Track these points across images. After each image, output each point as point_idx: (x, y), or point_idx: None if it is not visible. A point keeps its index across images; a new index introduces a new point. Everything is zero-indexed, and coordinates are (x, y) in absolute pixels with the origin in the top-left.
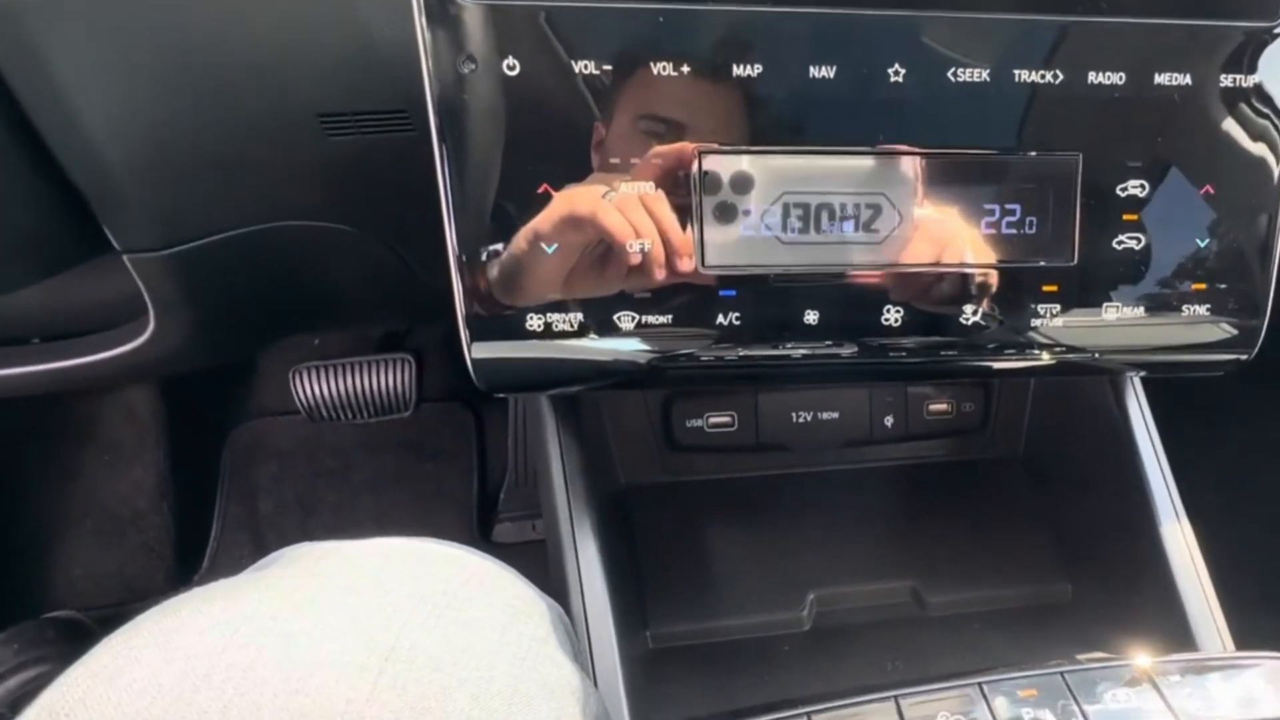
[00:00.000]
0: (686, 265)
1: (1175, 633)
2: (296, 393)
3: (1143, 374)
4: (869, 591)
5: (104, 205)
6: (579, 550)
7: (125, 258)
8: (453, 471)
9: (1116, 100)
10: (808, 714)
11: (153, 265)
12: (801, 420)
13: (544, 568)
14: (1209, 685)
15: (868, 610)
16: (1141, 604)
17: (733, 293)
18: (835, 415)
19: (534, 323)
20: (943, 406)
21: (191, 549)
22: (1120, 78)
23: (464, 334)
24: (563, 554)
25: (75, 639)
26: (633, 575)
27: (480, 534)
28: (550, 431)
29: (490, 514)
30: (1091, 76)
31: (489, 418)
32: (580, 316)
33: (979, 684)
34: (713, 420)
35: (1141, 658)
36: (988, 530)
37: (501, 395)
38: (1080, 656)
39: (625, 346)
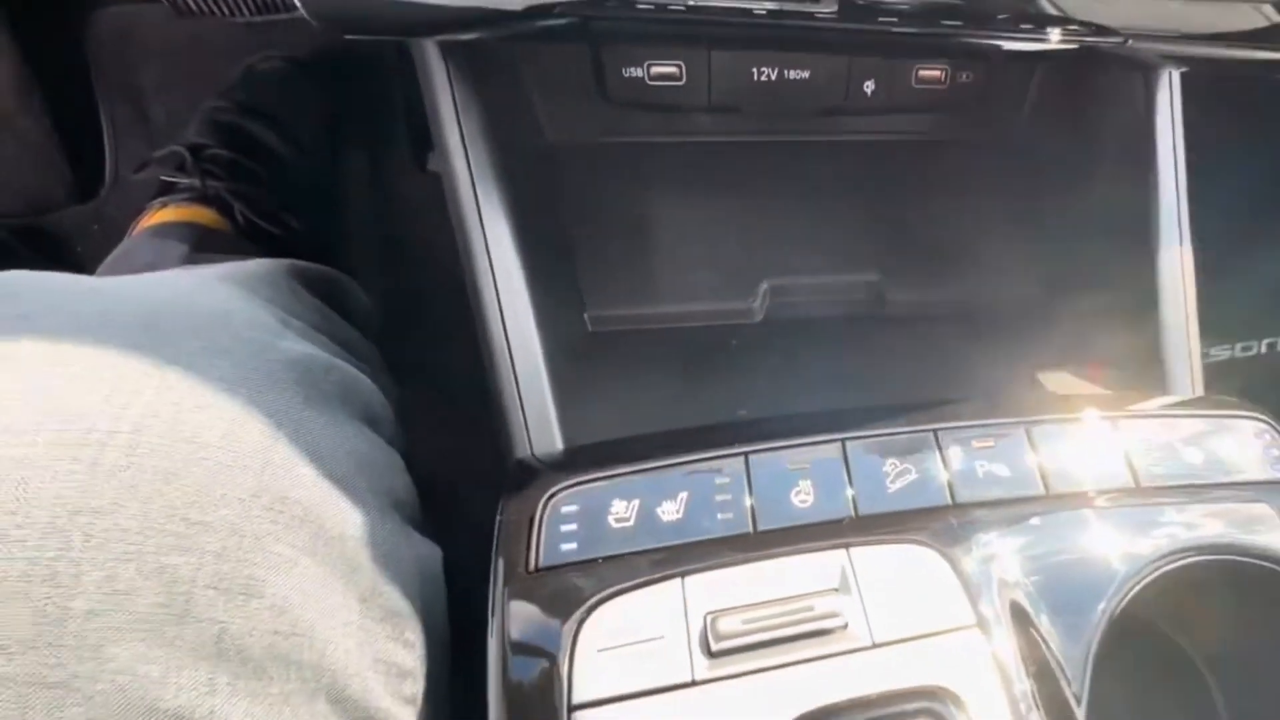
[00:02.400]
0: None
1: (1147, 362)
2: None
3: (1182, 69)
4: (827, 284)
5: None
6: (485, 222)
7: None
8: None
9: None
10: (745, 455)
11: None
12: (764, 78)
13: None
14: (1170, 437)
15: (825, 304)
16: (1118, 324)
17: None
18: (805, 75)
19: None
20: (935, 74)
21: (86, 158)
22: None
23: None
24: (466, 228)
25: None
26: (563, 251)
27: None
28: (440, 81)
29: (421, 138)
30: None
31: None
32: None
33: (933, 430)
34: (655, 70)
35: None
36: (963, 224)
37: (352, 38)
38: (1041, 376)
39: None
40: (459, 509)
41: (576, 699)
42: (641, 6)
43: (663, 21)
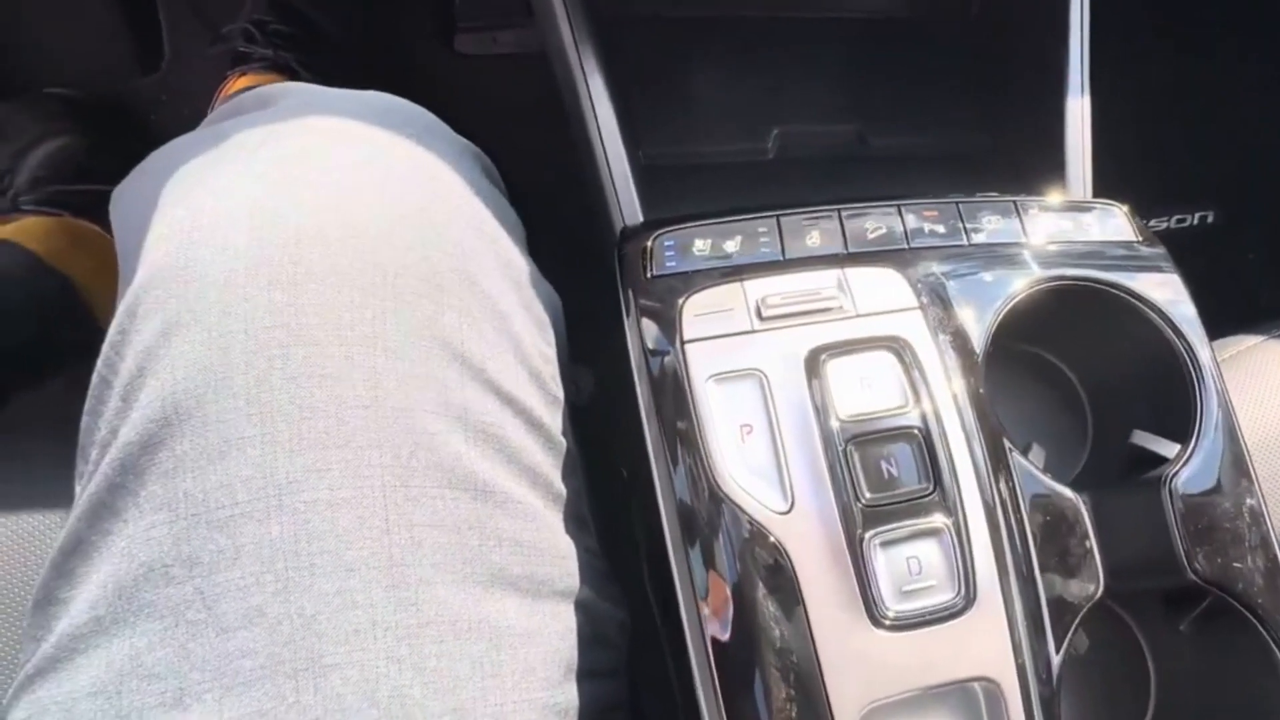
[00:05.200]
0: None
1: (1053, 183)
2: None
3: None
4: (822, 131)
5: None
6: (588, 80)
7: None
8: None
9: None
10: (776, 216)
11: None
12: None
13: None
14: (1060, 218)
15: (821, 146)
16: (1039, 162)
17: None
18: None
19: None
20: None
21: (145, 34)
22: None
23: None
24: (575, 83)
25: (80, 117)
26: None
27: (443, 42)
28: None
29: (447, 19)
30: None
31: None
32: None
33: (898, 205)
34: None
35: (1016, 197)
36: (929, 86)
37: None
38: (976, 194)
39: None
40: None
41: (686, 337)
42: None
43: None
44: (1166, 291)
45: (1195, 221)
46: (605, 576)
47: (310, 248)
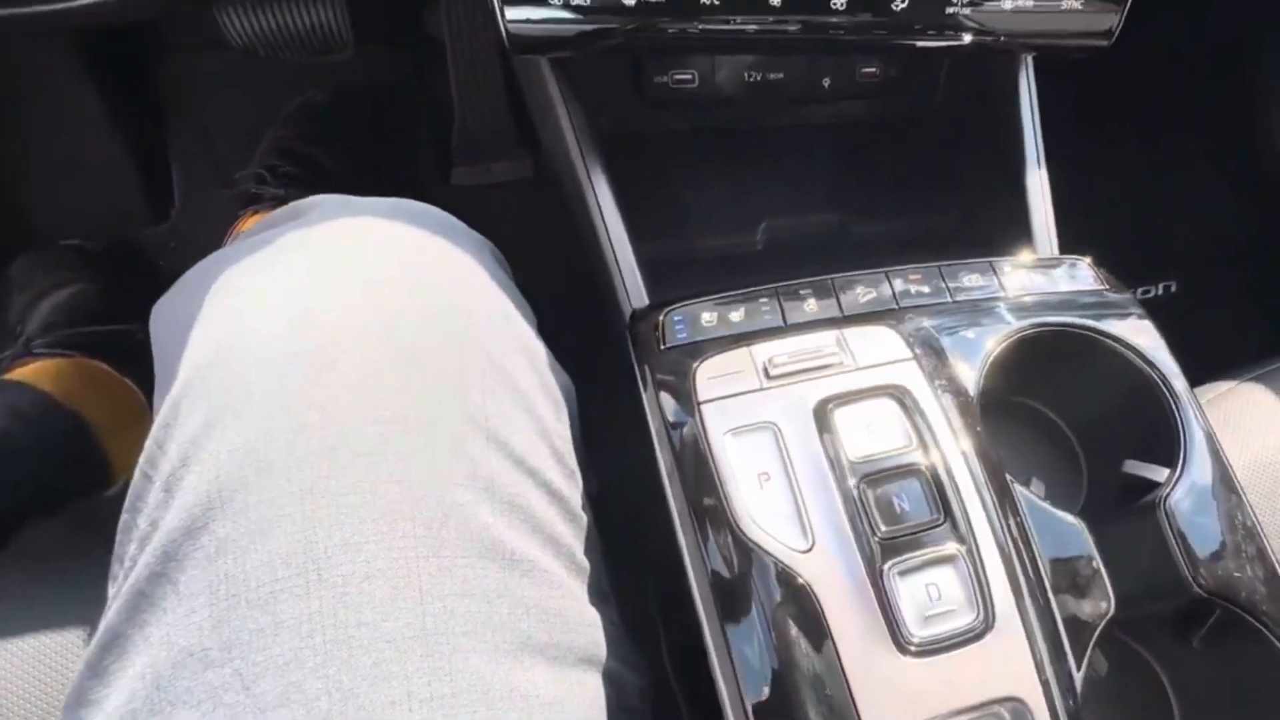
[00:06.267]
0: None
1: (1022, 246)
2: (226, 25)
3: (1033, 54)
4: (807, 221)
5: None
6: (595, 186)
7: None
8: (402, 114)
9: None
10: (775, 289)
11: None
12: (752, 79)
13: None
14: (1033, 273)
15: (806, 235)
16: (1006, 231)
17: None
18: (780, 75)
19: None
20: (872, 70)
21: (157, 184)
22: None
23: (500, 10)
24: (584, 193)
25: (91, 265)
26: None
27: (438, 175)
28: (554, 89)
29: (444, 156)
30: None
31: (424, 65)
32: None
33: (885, 272)
34: (677, 77)
35: (992, 258)
36: (900, 175)
37: (525, 55)
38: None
39: (629, 19)
40: None
41: (701, 399)
42: (669, 29)
43: (684, 37)
44: (1137, 330)
45: (1160, 291)
46: (627, 644)
47: (345, 340)
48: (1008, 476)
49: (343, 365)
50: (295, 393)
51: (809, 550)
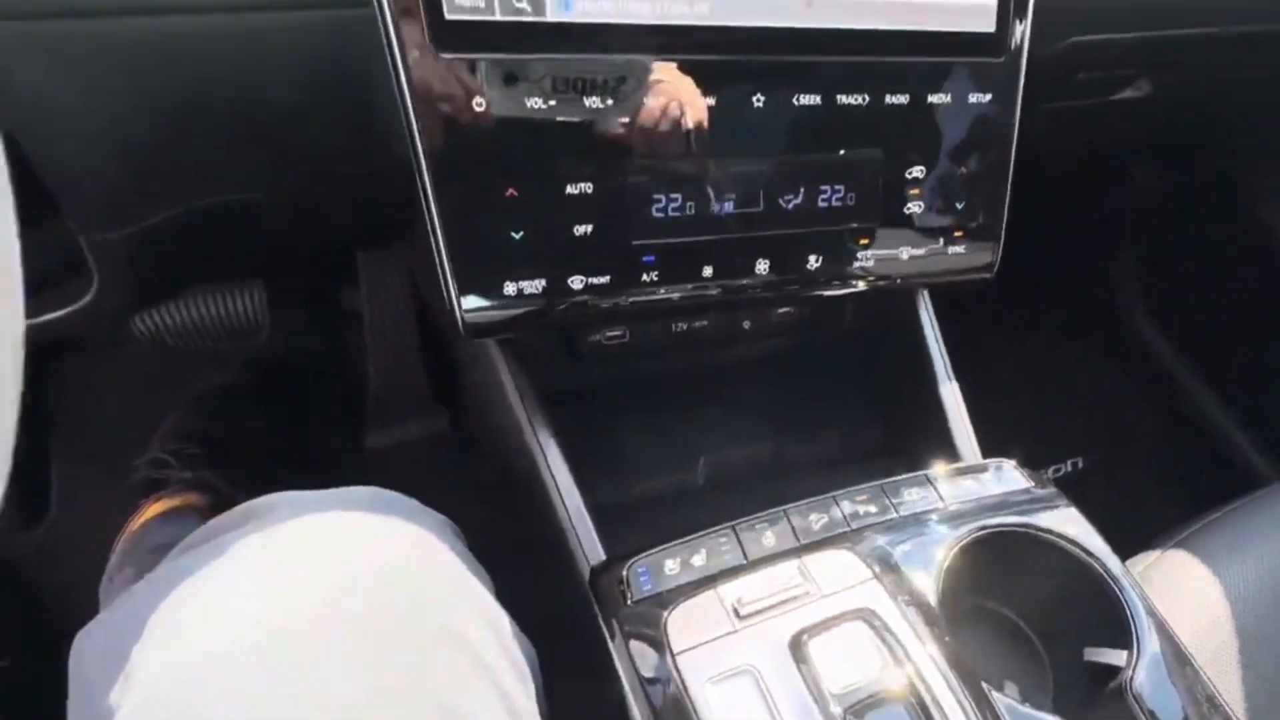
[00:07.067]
0: (623, 244)
1: (947, 455)
2: (137, 324)
3: (927, 290)
4: (742, 452)
5: (68, 201)
6: (544, 448)
7: (81, 239)
8: (310, 385)
9: (902, 114)
10: (732, 527)
11: (107, 243)
12: (679, 329)
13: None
14: (966, 480)
15: (743, 466)
16: (927, 439)
17: (652, 258)
18: (705, 324)
19: (509, 289)
20: (787, 310)
21: (34, 489)
22: (903, 98)
23: (457, 301)
24: (531, 451)
25: None
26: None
27: (351, 442)
28: (500, 363)
29: (360, 422)
30: (886, 98)
31: (339, 338)
32: (543, 283)
33: (832, 497)
34: (609, 335)
35: (927, 470)
36: (824, 399)
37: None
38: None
39: (574, 300)
40: None
41: (676, 650)
42: (610, 304)
43: (644, 304)
44: (1068, 521)
45: (1070, 469)
46: None
47: (307, 643)
48: (983, 684)
49: (305, 666)
50: (260, 701)
51: None
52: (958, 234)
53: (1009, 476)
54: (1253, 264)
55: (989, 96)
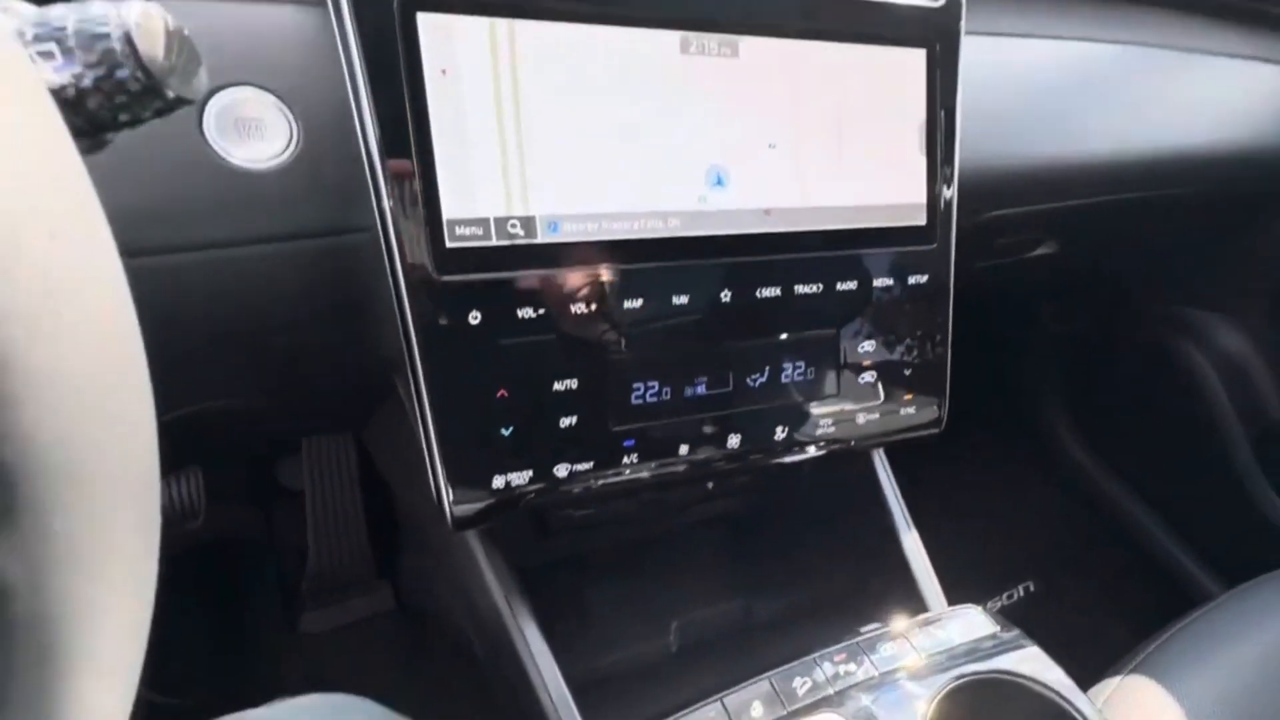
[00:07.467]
0: (605, 431)
1: (913, 602)
2: None
3: (882, 448)
4: (714, 613)
5: None
6: (522, 629)
7: None
8: (249, 566)
9: (852, 298)
10: (719, 699)
11: None
12: (644, 497)
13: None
14: (936, 630)
15: (716, 627)
16: (891, 587)
17: (632, 441)
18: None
19: (498, 482)
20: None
21: None
22: (853, 284)
23: (447, 497)
24: (510, 633)
25: None
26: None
27: (286, 625)
28: (479, 552)
29: (293, 604)
30: (838, 285)
31: (275, 515)
32: (530, 474)
33: (813, 659)
34: (578, 514)
35: (897, 624)
36: (788, 556)
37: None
38: (862, 630)
39: (559, 489)
40: None
41: None
42: (584, 488)
43: (623, 483)
44: (1034, 662)
45: (1022, 593)
46: None
47: None
48: None
49: None
50: None
51: None
52: (907, 396)
53: (975, 621)
54: (1167, 388)
55: (926, 277)
